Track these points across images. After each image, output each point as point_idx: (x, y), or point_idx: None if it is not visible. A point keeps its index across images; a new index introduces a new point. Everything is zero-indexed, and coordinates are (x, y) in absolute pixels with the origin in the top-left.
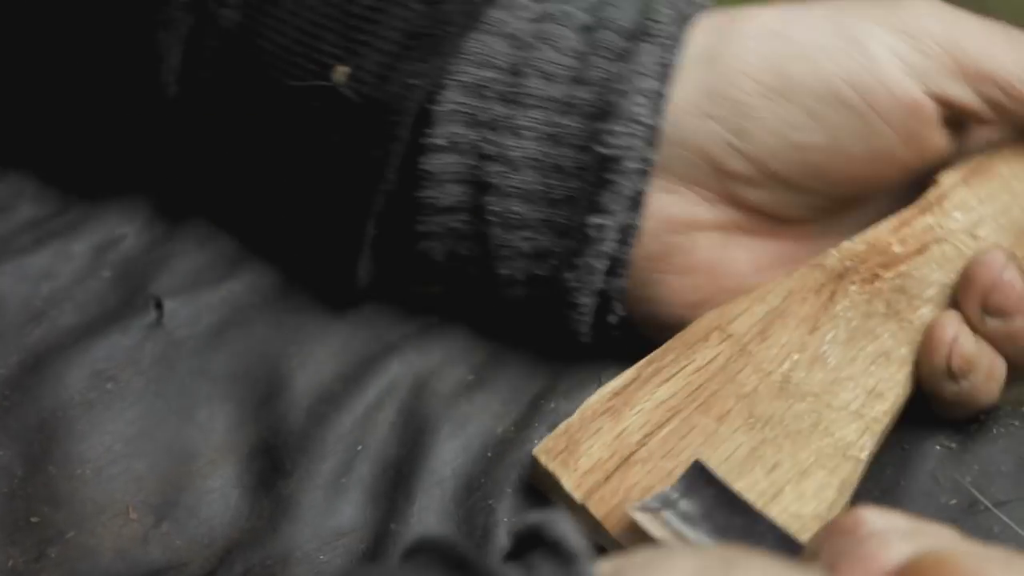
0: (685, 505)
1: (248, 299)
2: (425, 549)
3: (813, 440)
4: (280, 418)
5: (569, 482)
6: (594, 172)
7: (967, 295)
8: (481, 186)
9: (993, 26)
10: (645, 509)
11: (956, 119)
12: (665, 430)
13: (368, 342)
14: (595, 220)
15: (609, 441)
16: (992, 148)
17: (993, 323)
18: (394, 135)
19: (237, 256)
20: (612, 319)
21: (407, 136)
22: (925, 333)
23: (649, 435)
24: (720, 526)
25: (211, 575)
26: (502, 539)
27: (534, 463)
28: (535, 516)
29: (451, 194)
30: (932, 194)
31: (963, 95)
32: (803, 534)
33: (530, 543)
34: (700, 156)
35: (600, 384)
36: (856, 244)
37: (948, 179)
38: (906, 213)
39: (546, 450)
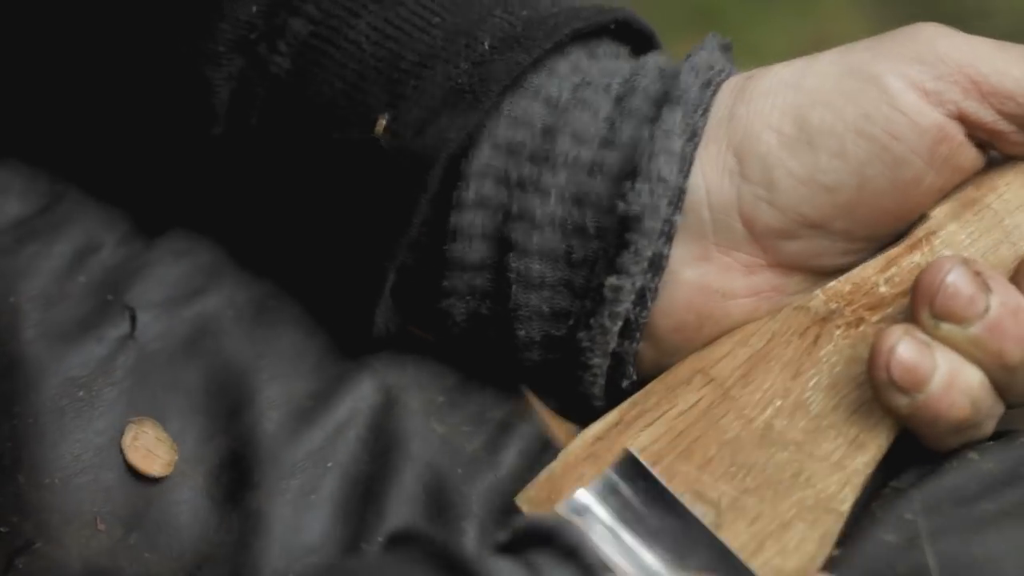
0: (618, 499)
1: (222, 314)
2: (406, 540)
3: (795, 491)
4: (249, 431)
5: None
6: (615, 233)
7: (916, 303)
8: (504, 244)
9: (1006, 45)
10: (574, 511)
11: (981, 137)
12: None
13: (340, 360)
14: (612, 281)
15: None
16: (984, 179)
17: (948, 328)
18: (423, 185)
19: (212, 271)
20: (625, 384)
21: (436, 188)
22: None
23: None
24: (652, 527)
25: None
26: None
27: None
28: (545, 517)
29: (477, 251)
30: (921, 230)
31: (983, 114)
32: None
33: (527, 542)
34: (733, 217)
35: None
36: (842, 284)
37: (938, 214)
38: (893, 251)
39: (528, 499)
